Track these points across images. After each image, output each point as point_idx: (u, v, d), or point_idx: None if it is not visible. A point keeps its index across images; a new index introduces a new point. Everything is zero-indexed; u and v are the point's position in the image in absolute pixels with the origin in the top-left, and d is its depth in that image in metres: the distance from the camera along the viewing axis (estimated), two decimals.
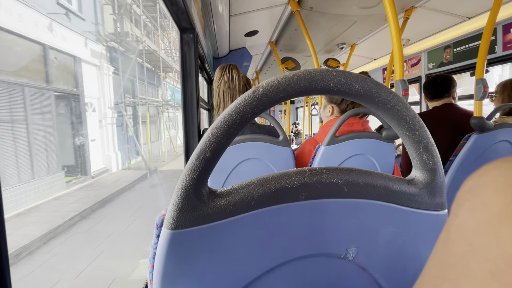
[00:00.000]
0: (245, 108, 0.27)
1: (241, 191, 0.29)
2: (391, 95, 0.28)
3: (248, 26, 2.30)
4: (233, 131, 0.27)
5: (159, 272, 0.29)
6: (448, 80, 1.50)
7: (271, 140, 1.12)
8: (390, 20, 1.02)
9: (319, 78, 0.27)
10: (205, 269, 0.30)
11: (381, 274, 0.34)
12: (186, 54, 1.34)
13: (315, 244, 0.32)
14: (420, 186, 0.32)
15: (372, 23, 2.15)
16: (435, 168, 0.31)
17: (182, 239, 0.28)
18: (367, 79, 0.28)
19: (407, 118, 0.29)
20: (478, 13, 1.95)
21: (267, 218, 0.30)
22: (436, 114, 1.49)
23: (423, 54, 2.74)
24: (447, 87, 1.50)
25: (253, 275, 0.31)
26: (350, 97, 0.29)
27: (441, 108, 1.50)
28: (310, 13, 1.92)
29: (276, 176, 0.31)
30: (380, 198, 0.31)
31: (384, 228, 0.32)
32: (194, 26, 1.32)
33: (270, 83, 0.27)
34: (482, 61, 1.28)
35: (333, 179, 0.31)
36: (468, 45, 2.25)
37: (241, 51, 2.91)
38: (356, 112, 1.03)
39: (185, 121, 1.37)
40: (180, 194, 0.28)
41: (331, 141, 1.03)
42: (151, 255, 0.34)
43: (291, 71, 0.28)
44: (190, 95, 1.35)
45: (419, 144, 0.30)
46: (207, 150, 0.27)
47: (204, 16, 1.77)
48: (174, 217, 0.28)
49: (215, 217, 0.29)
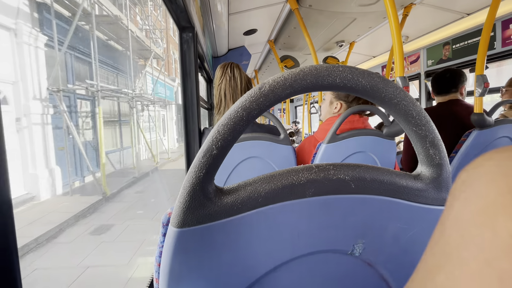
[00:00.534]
0: (252, 104, 0.26)
1: (248, 188, 0.29)
2: (397, 90, 0.28)
3: (247, 24, 2.29)
4: (240, 128, 0.27)
5: (165, 271, 0.29)
6: (458, 74, 1.46)
7: (272, 139, 1.11)
8: (390, 16, 1.02)
9: (325, 74, 0.27)
10: (212, 267, 0.30)
11: (388, 270, 0.34)
12: (186, 53, 1.34)
13: (322, 240, 0.32)
14: (427, 181, 0.32)
15: (371, 21, 2.14)
16: (442, 163, 0.31)
17: (189, 237, 0.28)
18: (374, 74, 0.28)
19: (413, 113, 0.29)
20: (477, 9, 1.95)
21: (275, 215, 0.30)
22: (440, 110, 1.46)
23: (422, 51, 2.73)
24: (455, 82, 1.46)
25: (260, 272, 0.31)
26: (356, 93, 0.28)
27: (446, 104, 1.47)
28: (309, 11, 1.91)
29: (283, 172, 0.30)
30: (387, 193, 0.31)
31: (391, 223, 0.32)
32: (193, 25, 1.31)
33: (276, 79, 0.27)
34: (482, 57, 1.28)
35: (340, 175, 0.30)
36: (467, 42, 2.25)
37: (240, 50, 2.90)
38: (358, 109, 1.03)
39: (185, 120, 1.36)
40: (187, 192, 0.27)
41: (332, 139, 1.03)
42: (157, 254, 0.34)
43: (297, 68, 0.27)
44: (190, 94, 1.35)
45: (426, 139, 0.30)
46: (213, 148, 0.27)
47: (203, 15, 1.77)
48: (180, 215, 0.28)
49: (222, 214, 0.29)
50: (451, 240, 0.12)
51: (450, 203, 0.13)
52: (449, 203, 0.13)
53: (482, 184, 0.12)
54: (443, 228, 0.13)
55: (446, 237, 0.12)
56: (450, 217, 0.13)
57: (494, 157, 0.12)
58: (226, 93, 1.17)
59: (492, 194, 0.11)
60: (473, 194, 0.12)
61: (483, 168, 0.12)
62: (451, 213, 0.13)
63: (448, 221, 0.13)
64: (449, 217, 0.13)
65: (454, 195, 0.13)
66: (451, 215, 0.13)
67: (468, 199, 0.12)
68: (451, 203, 0.13)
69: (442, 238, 0.13)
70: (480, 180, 0.12)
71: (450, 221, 0.13)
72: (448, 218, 0.13)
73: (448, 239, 0.12)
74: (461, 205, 0.12)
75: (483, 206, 0.11)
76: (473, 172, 0.13)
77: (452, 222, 0.12)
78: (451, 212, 0.13)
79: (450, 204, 0.13)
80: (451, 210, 0.13)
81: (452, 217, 0.12)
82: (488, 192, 0.11)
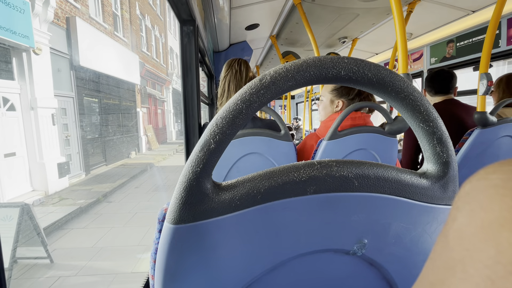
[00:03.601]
0: (252, 97, 0.25)
1: (247, 184, 0.28)
2: (405, 84, 0.27)
3: (248, 19, 2.26)
4: (239, 121, 0.26)
5: (161, 268, 0.28)
6: (452, 75, 1.51)
7: (273, 135, 1.10)
8: (394, 13, 1.00)
9: (329, 65, 0.26)
10: (208, 265, 0.29)
11: (390, 270, 0.33)
12: (186, 47, 1.32)
13: (323, 239, 0.31)
14: (433, 180, 0.31)
15: (375, 17, 2.11)
16: (449, 161, 0.30)
17: (185, 234, 0.27)
18: (381, 67, 0.27)
19: (421, 109, 0.28)
20: (483, 7, 1.92)
21: (274, 213, 0.29)
22: (439, 110, 1.47)
23: (425, 48, 2.71)
24: (452, 82, 1.50)
25: (258, 271, 0.30)
26: (362, 86, 0.27)
27: (443, 103, 1.48)
28: (312, 6, 1.88)
29: (284, 169, 0.29)
30: (391, 192, 0.30)
31: (395, 223, 0.31)
32: (194, 18, 1.29)
33: (278, 70, 0.25)
34: (487, 55, 1.26)
35: (343, 172, 0.29)
36: (472, 39, 2.22)
37: (242, 45, 2.87)
38: (360, 105, 1.02)
39: (185, 115, 1.35)
40: (183, 187, 0.26)
41: (333, 135, 1.02)
42: (153, 250, 0.33)
43: (300, 59, 0.26)
44: (191, 89, 1.33)
45: (433, 136, 0.29)
46: (211, 142, 0.26)
47: (204, 9, 1.74)
48: (176, 211, 0.27)
49: (219, 211, 0.27)
50: (453, 254, 0.12)
51: (453, 214, 0.13)
52: (452, 215, 0.13)
53: (486, 198, 0.12)
54: (446, 240, 0.13)
55: (450, 250, 0.12)
56: (453, 230, 0.12)
57: (498, 169, 0.12)
58: (230, 84, 1.17)
59: (497, 208, 0.11)
60: (478, 207, 0.12)
61: (488, 181, 0.12)
62: (454, 224, 0.12)
63: (450, 234, 0.12)
64: (453, 229, 0.12)
65: (457, 207, 0.13)
66: (453, 228, 0.12)
67: (473, 211, 0.12)
68: (454, 216, 0.13)
69: (445, 250, 0.12)
70: (485, 193, 0.12)
71: (452, 234, 0.12)
72: (452, 230, 0.12)
73: (452, 252, 0.12)
74: (466, 217, 0.12)
75: (488, 221, 0.11)
76: (477, 184, 0.13)
77: (456, 234, 0.12)
78: (455, 224, 0.12)
79: (453, 216, 0.13)
80: (453, 222, 0.13)
81: (455, 230, 0.12)
82: (493, 206, 0.11)
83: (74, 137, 7.25)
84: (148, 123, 13.07)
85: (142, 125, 11.85)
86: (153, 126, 13.74)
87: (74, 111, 7.32)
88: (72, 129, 7.19)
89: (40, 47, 5.60)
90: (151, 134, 12.67)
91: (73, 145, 7.20)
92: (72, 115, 7.26)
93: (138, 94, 11.56)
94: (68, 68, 7.08)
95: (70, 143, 7.10)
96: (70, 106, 7.18)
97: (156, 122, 14.60)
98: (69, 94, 7.12)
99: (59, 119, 6.56)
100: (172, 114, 17.38)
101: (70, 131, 7.11)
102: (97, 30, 8.36)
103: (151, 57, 13.54)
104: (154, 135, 13.05)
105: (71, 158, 7.03)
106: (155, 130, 13.76)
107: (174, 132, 17.83)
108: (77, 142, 7.39)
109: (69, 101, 7.16)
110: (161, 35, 15.72)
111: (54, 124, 6.07)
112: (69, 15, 7.06)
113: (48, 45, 5.92)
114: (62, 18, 6.80)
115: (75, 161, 7.26)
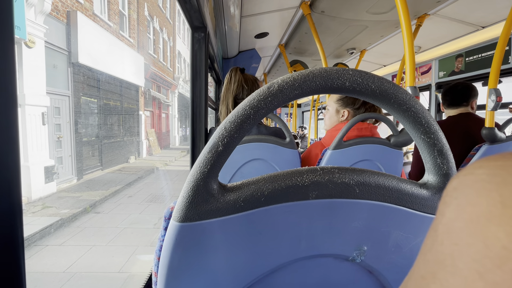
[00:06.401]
0: (259, 103, 0.27)
1: (251, 186, 0.29)
2: (407, 97, 0.28)
3: (258, 27, 2.31)
4: (246, 126, 0.27)
5: (164, 264, 0.29)
6: (469, 88, 1.46)
7: (278, 142, 1.11)
8: (403, 26, 1.02)
9: (335, 76, 0.27)
10: (210, 264, 0.30)
11: (389, 279, 0.33)
12: (197, 53, 1.35)
13: (323, 244, 0.31)
14: (433, 191, 0.31)
15: (383, 29, 2.13)
16: (449, 173, 0.30)
17: (190, 232, 0.28)
18: (384, 79, 0.28)
19: (422, 121, 0.29)
20: (493, 23, 1.93)
21: (276, 216, 0.30)
22: (450, 123, 1.45)
23: (434, 62, 2.71)
24: (466, 96, 1.46)
25: (260, 272, 0.31)
26: (365, 97, 0.28)
27: (456, 117, 1.46)
28: (322, 17, 1.91)
29: (287, 173, 0.30)
30: (392, 200, 0.31)
31: (395, 231, 0.31)
32: (205, 25, 1.33)
33: (286, 79, 0.27)
34: (496, 71, 1.26)
35: (345, 179, 0.30)
36: (481, 55, 2.22)
37: (250, 53, 2.92)
38: (366, 116, 1.02)
39: (192, 120, 1.37)
40: (190, 186, 0.28)
41: (338, 145, 1.03)
42: (157, 247, 0.34)
43: (307, 69, 0.27)
44: (199, 94, 1.36)
45: (434, 147, 0.30)
46: (219, 144, 0.27)
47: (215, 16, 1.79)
48: (183, 209, 0.28)
49: (224, 211, 0.29)
50: (443, 247, 0.12)
51: (442, 209, 0.13)
52: (441, 209, 0.13)
53: (473, 192, 0.12)
54: (435, 234, 0.13)
55: (439, 244, 0.12)
56: (442, 224, 0.13)
57: (485, 165, 0.12)
58: (226, 93, 1.22)
59: (484, 203, 0.11)
60: (465, 201, 0.12)
61: (474, 176, 0.12)
62: (443, 219, 0.13)
63: (439, 229, 0.13)
64: (441, 224, 0.13)
65: (445, 202, 0.13)
66: (442, 223, 0.13)
67: (460, 206, 0.12)
68: (442, 211, 0.13)
69: (435, 245, 0.13)
70: (472, 188, 0.12)
71: (441, 228, 0.13)
72: (440, 224, 0.13)
73: (441, 246, 0.12)
74: (454, 212, 0.12)
75: (476, 215, 0.11)
76: (464, 179, 0.13)
77: (445, 228, 0.12)
78: (443, 218, 0.13)
79: (442, 210, 0.13)
80: (442, 217, 0.13)
81: (444, 225, 0.12)
82: (480, 201, 0.11)
83: (67, 138, 6.65)
84: (151, 127, 12.64)
85: (144, 128, 11.33)
86: (157, 130, 13.31)
87: (69, 111, 6.73)
88: (65, 130, 6.59)
89: (34, 40, 5.06)
90: (153, 138, 12.29)
91: (65, 147, 6.59)
92: (66, 115, 6.63)
93: (141, 97, 11.21)
94: (65, 65, 6.51)
95: (62, 145, 6.50)
96: (64, 105, 6.60)
97: (160, 126, 14.25)
98: (64, 93, 6.54)
99: (51, 118, 5.96)
100: (176, 119, 16.96)
101: (63, 132, 6.51)
102: (100, 28, 7.84)
103: (157, 60, 13.28)
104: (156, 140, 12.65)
105: (62, 161, 6.43)
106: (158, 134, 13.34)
107: (178, 137, 17.27)
108: (70, 144, 6.73)
109: (64, 100, 6.57)
110: (169, 39, 15.57)
111: (44, 124, 5.42)
112: (71, 9, 6.55)
113: (43, 39, 5.36)
114: (62, 12, 6.34)
115: (67, 165, 6.62)
